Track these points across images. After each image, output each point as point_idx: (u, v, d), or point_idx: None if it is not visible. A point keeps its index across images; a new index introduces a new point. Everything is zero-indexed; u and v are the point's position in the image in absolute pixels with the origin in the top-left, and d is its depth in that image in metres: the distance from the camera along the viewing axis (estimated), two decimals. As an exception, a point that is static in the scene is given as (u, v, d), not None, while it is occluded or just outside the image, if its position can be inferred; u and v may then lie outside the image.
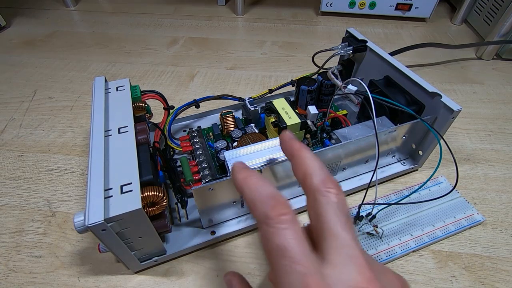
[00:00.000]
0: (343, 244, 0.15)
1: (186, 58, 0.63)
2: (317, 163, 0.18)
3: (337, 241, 0.15)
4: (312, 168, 0.17)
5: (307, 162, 0.18)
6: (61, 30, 0.73)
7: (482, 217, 0.34)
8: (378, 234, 0.32)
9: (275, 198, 0.16)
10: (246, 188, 0.17)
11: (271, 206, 0.15)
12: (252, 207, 0.16)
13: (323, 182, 0.16)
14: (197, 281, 0.29)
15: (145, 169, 0.26)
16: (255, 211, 0.16)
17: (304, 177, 0.17)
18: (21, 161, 0.41)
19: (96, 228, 0.21)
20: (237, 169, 0.18)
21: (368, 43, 0.41)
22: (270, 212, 0.15)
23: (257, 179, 0.17)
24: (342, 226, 0.15)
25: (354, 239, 0.15)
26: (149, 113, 0.36)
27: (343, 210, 0.16)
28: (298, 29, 0.74)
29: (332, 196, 0.16)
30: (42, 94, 0.53)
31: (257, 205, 0.16)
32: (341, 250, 0.15)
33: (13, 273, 0.30)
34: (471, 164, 0.41)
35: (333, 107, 0.45)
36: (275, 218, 0.15)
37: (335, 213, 0.16)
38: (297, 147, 0.19)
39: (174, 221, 0.33)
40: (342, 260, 0.15)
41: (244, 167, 0.19)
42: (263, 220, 0.15)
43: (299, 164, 0.18)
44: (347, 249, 0.15)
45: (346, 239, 0.15)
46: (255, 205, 0.16)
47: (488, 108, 0.50)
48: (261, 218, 0.15)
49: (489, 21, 0.66)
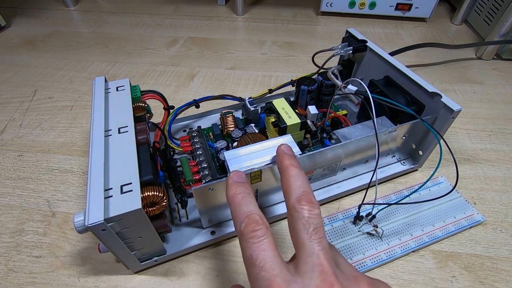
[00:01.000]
0: (310, 254, 0.17)
1: (186, 58, 0.63)
2: (299, 182, 0.20)
3: (305, 251, 0.17)
4: (292, 187, 0.20)
5: (290, 180, 0.20)
6: (61, 30, 0.73)
7: (482, 217, 0.34)
8: (378, 234, 0.32)
9: (249, 217, 0.18)
10: (231, 205, 0.20)
11: (245, 224, 0.18)
12: (233, 223, 0.19)
13: (298, 200, 0.19)
14: (197, 281, 0.29)
15: (145, 169, 0.26)
16: (234, 226, 0.19)
17: (285, 194, 0.20)
18: (21, 161, 0.41)
19: (96, 228, 0.21)
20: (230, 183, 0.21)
21: (368, 43, 0.41)
22: (243, 229, 0.18)
23: (241, 198, 0.20)
24: (309, 238, 0.17)
25: (321, 249, 0.17)
26: (149, 113, 0.36)
27: (312, 223, 0.18)
28: (298, 29, 0.74)
29: (304, 211, 0.18)
30: (42, 94, 0.53)
31: (236, 222, 0.19)
32: (308, 259, 0.17)
33: (13, 273, 0.30)
34: (471, 164, 0.41)
35: (333, 107, 0.45)
36: (246, 234, 0.17)
37: (304, 226, 0.18)
38: (284, 165, 0.21)
39: (174, 221, 0.33)
40: (309, 268, 0.16)
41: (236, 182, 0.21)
42: (239, 235, 0.18)
43: (284, 182, 0.21)
44: (313, 258, 0.17)
45: (313, 249, 0.17)
46: (235, 222, 0.19)
47: (488, 108, 0.50)
48: (238, 233, 0.18)
49: (489, 21, 0.66)
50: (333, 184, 0.37)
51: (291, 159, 0.22)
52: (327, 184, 0.36)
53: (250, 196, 0.20)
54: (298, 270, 0.17)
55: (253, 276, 0.17)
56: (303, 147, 0.38)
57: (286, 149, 0.23)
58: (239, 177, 0.21)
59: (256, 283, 0.16)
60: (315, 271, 0.16)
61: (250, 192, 0.20)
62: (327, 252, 0.17)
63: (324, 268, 0.16)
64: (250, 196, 0.20)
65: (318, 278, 0.16)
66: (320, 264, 0.16)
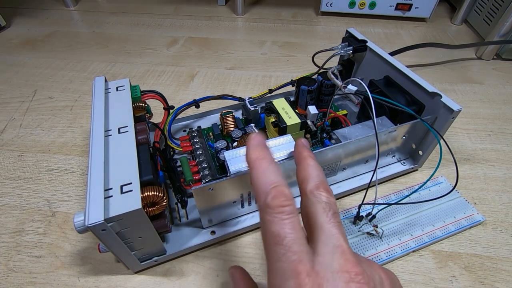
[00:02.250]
0: (329, 236, 0.16)
1: (186, 58, 0.63)
2: (316, 171, 0.19)
3: (324, 233, 0.16)
4: (311, 174, 0.19)
5: (308, 169, 0.19)
6: (61, 30, 0.73)
7: (482, 217, 0.34)
8: (378, 234, 0.32)
9: (277, 188, 0.16)
10: (254, 171, 0.18)
11: (273, 196, 0.16)
12: (255, 191, 0.17)
13: (316, 186, 0.18)
14: (197, 281, 0.29)
15: (145, 169, 0.26)
16: (257, 196, 0.17)
17: (302, 181, 0.19)
18: (21, 161, 0.41)
19: (96, 228, 0.21)
20: (252, 145, 0.19)
21: (368, 43, 0.41)
22: (270, 202, 0.16)
23: (267, 163, 0.18)
24: (329, 221, 0.17)
25: (340, 232, 0.17)
26: (149, 113, 0.36)
27: (331, 208, 0.17)
28: (298, 29, 0.74)
29: (322, 197, 0.18)
30: (42, 94, 0.53)
31: (260, 191, 0.17)
32: (328, 241, 0.16)
33: (13, 273, 0.30)
34: (471, 164, 0.41)
35: (333, 107, 0.45)
36: (274, 208, 0.16)
37: (324, 210, 0.17)
38: (304, 155, 0.21)
39: (174, 221, 0.33)
40: (329, 249, 0.16)
41: (259, 145, 0.19)
42: (263, 207, 0.16)
43: (302, 169, 0.20)
44: (333, 240, 0.16)
45: (332, 231, 0.16)
46: (258, 191, 0.17)
47: (488, 108, 0.50)
48: (262, 205, 0.16)
49: (489, 21, 0.66)
50: (333, 184, 0.37)
51: (310, 152, 0.21)
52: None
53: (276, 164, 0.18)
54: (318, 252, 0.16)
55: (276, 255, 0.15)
56: (303, 147, 0.38)
57: (306, 142, 0.23)
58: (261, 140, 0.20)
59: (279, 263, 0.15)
60: (336, 252, 0.16)
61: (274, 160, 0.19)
62: (345, 236, 0.17)
63: (344, 249, 0.16)
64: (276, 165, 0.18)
65: (341, 258, 0.15)
66: (341, 245, 0.16)
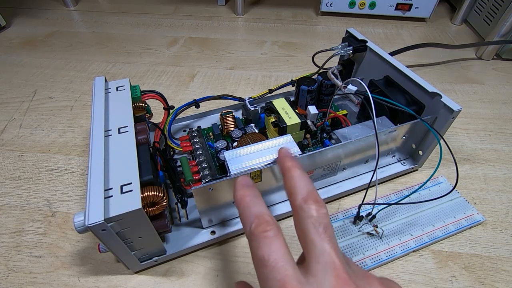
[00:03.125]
0: (321, 253, 0.16)
1: (186, 58, 0.63)
2: (302, 182, 0.20)
3: (316, 250, 0.17)
4: (296, 187, 0.19)
5: (293, 181, 0.20)
6: (61, 30, 0.73)
7: (482, 217, 0.34)
8: (378, 234, 0.32)
9: (259, 217, 0.18)
10: (240, 207, 0.19)
11: (256, 224, 0.17)
12: (243, 225, 0.19)
13: (304, 200, 0.18)
14: (197, 281, 0.29)
15: (145, 169, 0.26)
16: (244, 228, 0.18)
17: (290, 194, 0.20)
18: (21, 161, 0.41)
19: (96, 228, 0.21)
20: (238, 186, 0.21)
21: (368, 43, 0.41)
22: (254, 230, 0.17)
23: (250, 199, 0.19)
24: (320, 236, 0.17)
25: (332, 247, 0.17)
26: (149, 113, 0.36)
27: (322, 223, 0.17)
28: (298, 29, 0.74)
29: (312, 211, 0.18)
30: (42, 94, 0.53)
31: (246, 223, 0.18)
32: (320, 258, 0.16)
33: (13, 273, 0.30)
34: (471, 164, 0.41)
35: (333, 107, 0.45)
36: (257, 234, 0.17)
37: (314, 226, 0.17)
38: (287, 166, 0.21)
39: (174, 221, 0.33)
40: (321, 267, 0.16)
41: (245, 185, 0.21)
42: (249, 236, 0.18)
43: (287, 181, 0.20)
44: (325, 257, 0.16)
45: (324, 247, 0.17)
46: (244, 223, 0.18)
47: (488, 108, 0.50)
48: (248, 234, 0.18)
49: (489, 21, 0.66)
50: (333, 184, 0.37)
51: (293, 160, 0.22)
52: (327, 184, 0.36)
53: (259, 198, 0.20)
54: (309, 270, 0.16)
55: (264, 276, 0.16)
56: (303, 147, 0.38)
57: (287, 151, 0.23)
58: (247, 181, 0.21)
59: (268, 284, 0.16)
60: (328, 270, 0.16)
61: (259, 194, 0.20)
62: (338, 251, 0.17)
63: (336, 266, 0.16)
64: (259, 198, 0.20)
65: (332, 276, 0.16)
66: (333, 262, 0.16)
